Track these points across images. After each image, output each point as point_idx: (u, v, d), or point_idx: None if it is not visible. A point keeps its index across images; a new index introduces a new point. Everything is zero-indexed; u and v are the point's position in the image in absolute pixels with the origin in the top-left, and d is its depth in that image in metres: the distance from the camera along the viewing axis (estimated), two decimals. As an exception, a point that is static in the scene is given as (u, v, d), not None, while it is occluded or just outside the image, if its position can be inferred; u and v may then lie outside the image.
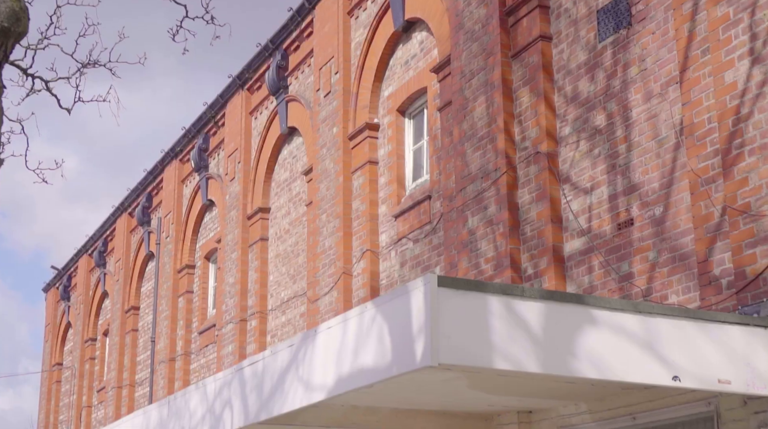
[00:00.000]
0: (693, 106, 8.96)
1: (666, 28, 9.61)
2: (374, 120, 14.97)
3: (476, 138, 11.84)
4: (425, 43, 14.02)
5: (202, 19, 6.50)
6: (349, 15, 15.88)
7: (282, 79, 17.93)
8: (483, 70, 11.90)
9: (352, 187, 15.11)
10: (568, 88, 10.87)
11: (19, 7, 3.63)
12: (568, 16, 11.03)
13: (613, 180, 10.06)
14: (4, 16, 3.58)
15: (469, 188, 11.83)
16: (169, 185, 23.39)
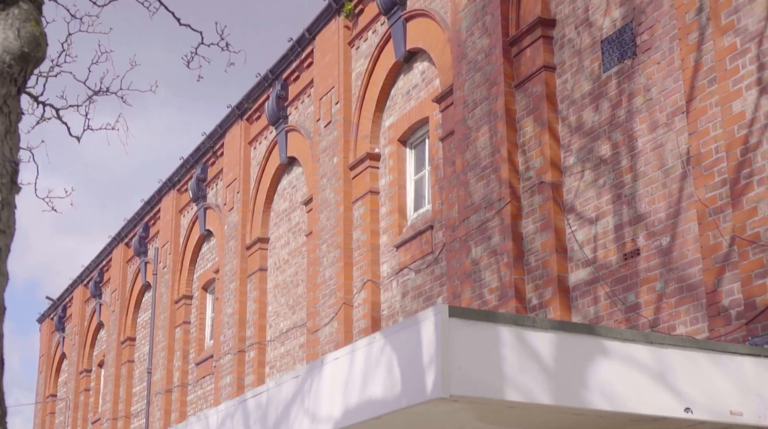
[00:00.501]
0: (700, 136, 8.94)
1: (671, 58, 9.60)
2: (375, 150, 14.94)
3: (479, 168, 11.81)
4: (427, 73, 14.02)
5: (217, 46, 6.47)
6: (349, 45, 15.89)
7: (282, 109, 17.91)
8: (486, 100, 11.88)
9: (352, 217, 15.05)
10: (573, 117, 10.85)
11: (39, 32, 3.58)
12: (572, 47, 11.03)
13: (618, 210, 10.02)
14: (24, 41, 3.53)
15: (473, 218, 11.78)
16: (166, 215, 23.31)
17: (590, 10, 10.85)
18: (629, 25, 10.25)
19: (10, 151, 3.60)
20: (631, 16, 10.24)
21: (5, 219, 3.48)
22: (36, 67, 3.74)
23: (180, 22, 5.93)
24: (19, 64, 3.60)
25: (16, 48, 3.57)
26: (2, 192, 3.49)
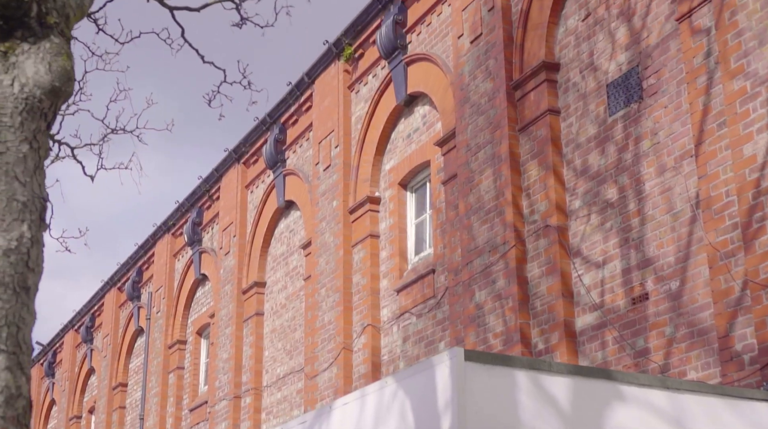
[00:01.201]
0: (709, 180, 8.89)
1: (679, 102, 9.58)
2: (375, 193, 14.88)
3: (483, 211, 11.74)
4: (428, 117, 13.99)
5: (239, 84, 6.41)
6: (349, 89, 15.88)
7: (280, 152, 17.86)
8: (489, 144, 11.84)
9: (352, 261, 14.94)
10: (578, 161, 10.81)
11: (70, 66, 3.51)
12: (577, 90, 11.02)
13: (626, 254, 9.94)
14: (55, 75, 3.46)
15: (476, 262, 11.70)
16: (160, 259, 23.15)
17: (595, 55, 10.85)
18: (635, 69, 10.24)
19: (39, 187, 3.51)
20: (637, 61, 10.24)
21: (34, 257, 3.38)
22: (64, 102, 3.66)
23: (204, 60, 5.89)
24: (50, 99, 3.52)
25: (47, 82, 3.50)
26: (32, 229, 3.39)
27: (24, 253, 3.33)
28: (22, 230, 3.34)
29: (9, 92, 3.46)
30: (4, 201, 3.33)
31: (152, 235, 23.56)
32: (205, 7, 5.45)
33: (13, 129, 3.43)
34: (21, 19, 3.51)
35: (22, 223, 3.35)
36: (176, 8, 5.32)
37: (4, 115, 3.43)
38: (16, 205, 3.36)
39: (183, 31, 5.73)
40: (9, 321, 3.23)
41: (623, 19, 10.53)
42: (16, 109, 3.45)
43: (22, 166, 3.42)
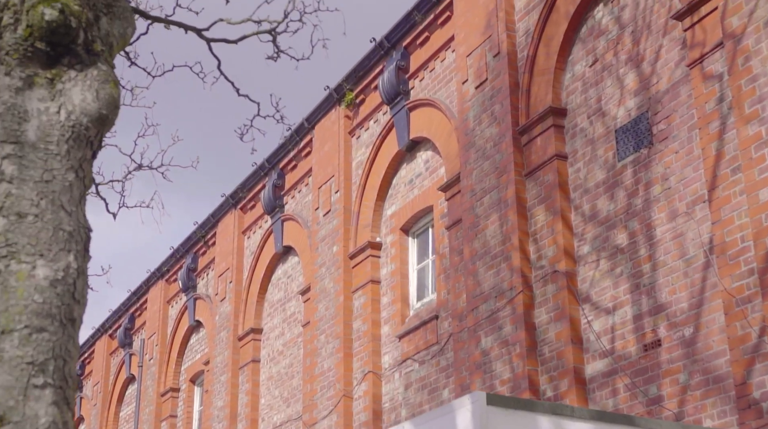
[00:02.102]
0: (724, 225, 8.83)
1: (690, 147, 9.56)
2: (376, 239, 14.79)
3: (489, 256, 11.65)
4: (431, 162, 13.95)
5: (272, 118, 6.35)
6: (350, 134, 15.85)
7: (278, 198, 17.78)
8: (495, 189, 11.79)
9: (352, 307, 14.81)
10: (586, 206, 10.76)
11: (117, 94, 3.42)
12: (584, 136, 11.00)
13: (637, 300, 9.85)
14: (103, 103, 3.37)
15: (482, 307, 11.58)
16: (153, 306, 22.94)
17: (603, 100, 10.85)
18: (645, 114, 10.23)
19: (83, 217, 3.41)
20: (647, 106, 10.23)
21: (80, 288, 3.27)
22: (108, 130, 3.58)
23: (239, 93, 5.82)
24: (96, 127, 3.44)
25: (94, 110, 3.41)
26: (78, 260, 3.29)
27: (71, 284, 3.22)
28: (69, 260, 3.24)
29: (55, 120, 3.37)
30: (51, 230, 3.23)
31: (145, 281, 23.36)
32: (243, 39, 5.41)
33: (59, 157, 3.34)
34: (68, 46, 3.43)
35: (68, 254, 3.25)
36: (214, 40, 5.26)
37: (51, 142, 3.34)
38: (63, 235, 3.25)
39: (219, 64, 5.67)
40: (56, 354, 3.11)
41: (632, 65, 10.53)
42: (62, 136, 3.36)
43: (68, 194, 3.33)
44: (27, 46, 3.37)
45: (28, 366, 3.03)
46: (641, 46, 10.47)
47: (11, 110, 3.31)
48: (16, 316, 3.06)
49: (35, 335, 3.07)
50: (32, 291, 3.11)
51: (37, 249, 3.18)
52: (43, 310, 3.11)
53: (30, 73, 3.39)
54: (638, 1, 10.64)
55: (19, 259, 3.14)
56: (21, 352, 3.04)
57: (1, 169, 3.23)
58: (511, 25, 12.27)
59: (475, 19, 12.80)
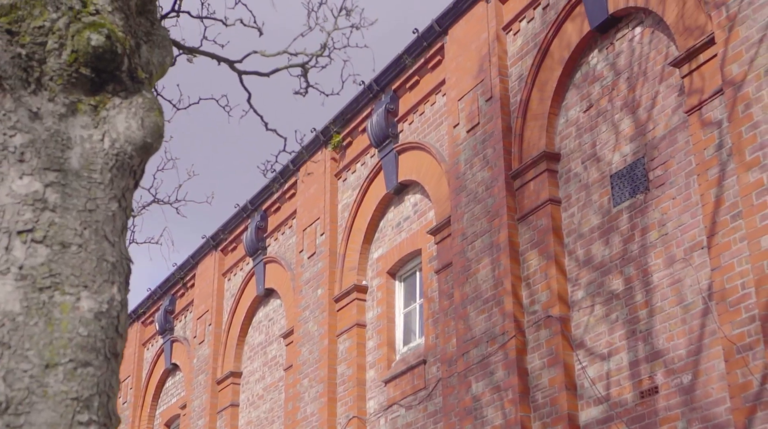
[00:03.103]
0: (724, 272, 8.81)
1: (688, 194, 9.56)
2: (362, 282, 14.67)
3: (480, 301, 11.57)
4: (419, 206, 13.89)
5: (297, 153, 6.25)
6: (336, 177, 15.78)
7: (261, 240, 17.63)
8: (487, 232, 11.73)
9: (337, 351, 14.65)
10: (580, 251, 10.72)
11: (162, 122, 3.33)
12: (579, 181, 10.99)
13: (633, 346, 9.79)
14: (147, 131, 3.28)
15: (473, 352, 11.47)
16: (128, 348, 22.61)
17: (598, 146, 10.85)
18: (641, 160, 10.24)
19: (125, 248, 3.30)
20: (643, 152, 10.24)
21: (123, 322, 3.15)
22: (149, 158, 3.48)
23: (267, 127, 5.73)
24: (140, 156, 3.34)
25: (138, 138, 3.31)
26: (121, 292, 3.17)
27: (114, 317, 3.10)
28: (113, 292, 3.12)
29: (99, 148, 3.27)
30: (94, 261, 3.11)
31: (121, 323, 23.00)
32: (275, 73, 5.33)
33: (102, 186, 3.23)
34: (112, 72, 3.34)
35: (112, 286, 3.13)
36: (246, 73, 5.18)
37: (94, 171, 3.23)
38: (106, 266, 3.14)
39: (249, 97, 5.58)
40: (100, 390, 2.98)
41: (627, 111, 10.56)
42: (106, 165, 3.26)
43: (111, 225, 3.22)
44: (71, 72, 3.28)
45: (72, 402, 2.90)
46: (637, 92, 10.50)
47: (54, 137, 3.21)
48: (60, 349, 2.94)
49: (80, 370, 2.95)
50: (77, 324, 2.99)
51: (81, 280, 3.06)
52: (88, 343, 2.99)
53: (74, 100, 3.29)
54: (633, 48, 10.69)
55: (63, 291, 3.02)
56: (66, 388, 2.91)
57: (44, 197, 3.11)
58: (504, 70, 12.29)
59: (467, 64, 12.82)
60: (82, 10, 3.35)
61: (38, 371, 2.89)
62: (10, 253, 3.02)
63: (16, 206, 3.08)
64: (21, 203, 3.08)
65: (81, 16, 3.33)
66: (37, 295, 2.98)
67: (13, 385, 2.85)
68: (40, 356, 2.91)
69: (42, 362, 2.90)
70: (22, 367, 2.88)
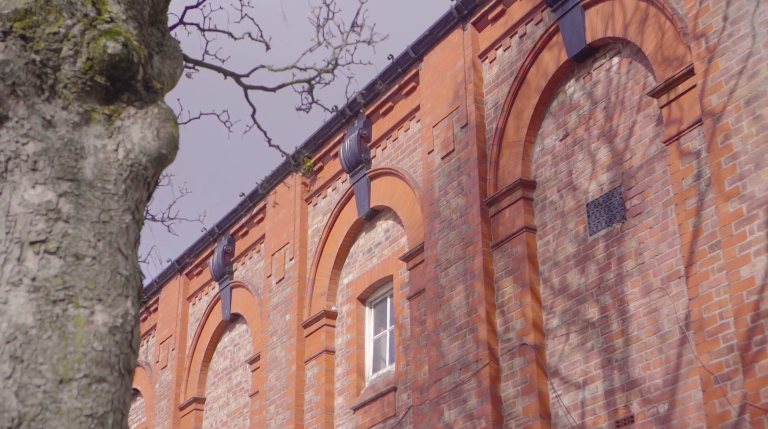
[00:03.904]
0: (702, 301, 8.83)
1: (665, 223, 9.59)
2: (332, 308, 14.56)
3: (454, 328, 11.51)
4: (391, 232, 13.83)
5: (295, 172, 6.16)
6: (306, 202, 15.69)
7: (227, 264, 17.47)
8: (462, 259, 11.69)
9: (305, 377, 14.51)
10: (556, 279, 10.71)
11: (177, 133, 3.26)
12: (554, 209, 10.99)
13: (609, 375, 9.77)
14: (163, 142, 3.21)
15: (446, 379, 11.40)
16: (88, 371, 22.25)
17: (574, 174, 10.88)
18: (618, 189, 10.27)
19: (137, 261, 3.21)
20: (620, 181, 10.27)
21: (136, 337, 3.06)
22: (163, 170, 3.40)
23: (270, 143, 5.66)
24: (154, 167, 3.26)
25: (153, 149, 3.23)
26: (135, 307, 3.08)
27: (128, 332, 3.01)
28: (127, 307, 3.03)
29: (113, 158, 3.19)
30: (108, 274, 3.02)
31: (80, 346, 22.69)
32: (281, 88, 5.27)
33: (116, 197, 3.14)
34: (128, 81, 3.26)
35: (126, 300, 3.04)
36: (252, 87, 5.10)
37: (108, 181, 3.15)
38: (120, 280, 3.05)
39: (254, 112, 5.50)
40: (115, 406, 2.89)
41: (604, 140, 10.60)
42: (120, 175, 3.17)
43: (125, 237, 3.13)
44: (86, 80, 3.20)
45: (87, 419, 2.81)
46: (614, 121, 10.55)
47: (68, 146, 3.12)
48: (74, 364, 2.84)
49: (95, 386, 2.85)
50: (91, 338, 2.90)
51: (94, 293, 2.97)
52: (103, 358, 2.90)
53: (88, 108, 3.21)
54: (611, 78, 10.75)
55: (77, 304, 2.93)
56: (80, 404, 2.81)
57: (58, 208, 3.02)
58: (479, 97, 12.31)
59: (443, 90, 12.83)
60: (97, 17, 3.27)
61: (52, 386, 2.79)
62: (23, 265, 2.92)
63: (28, 216, 2.99)
64: (34, 213, 2.99)
65: (96, 24, 3.25)
66: (51, 308, 2.88)
67: (26, 400, 2.75)
68: (54, 371, 2.81)
69: (56, 377, 2.80)
70: (35, 382, 2.78)
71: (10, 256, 2.92)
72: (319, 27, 5.73)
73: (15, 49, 3.12)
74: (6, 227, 2.96)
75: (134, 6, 3.42)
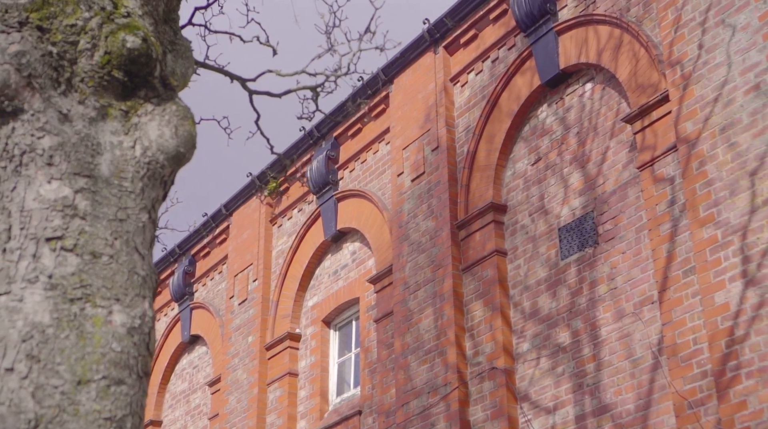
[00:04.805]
0: (675, 327, 8.84)
1: (638, 248, 9.62)
2: (296, 330, 14.42)
3: (422, 351, 11.44)
4: (358, 254, 13.75)
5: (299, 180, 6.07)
6: (271, 223, 15.57)
7: (188, 285, 17.26)
8: (431, 282, 11.64)
9: (267, 400, 14.33)
10: (527, 303, 10.69)
11: (195, 133, 3.17)
12: (525, 233, 10.99)
13: (580, 400, 9.75)
14: (181, 140, 3.13)
15: (413, 403, 11.31)
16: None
17: (546, 199, 10.89)
18: (590, 214, 10.29)
19: (152, 263, 3.11)
20: (592, 206, 10.30)
21: (153, 339, 2.96)
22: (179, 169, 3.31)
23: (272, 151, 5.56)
24: (171, 166, 3.17)
25: (171, 147, 3.14)
26: (152, 308, 2.98)
27: (146, 334, 2.91)
28: (144, 308, 2.93)
29: (130, 155, 3.09)
30: (126, 273, 2.92)
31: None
32: (287, 94, 5.19)
33: (133, 195, 3.05)
34: (145, 77, 3.17)
35: (143, 300, 2.94)
36: (258, 92, 5.01)
37: (125, 179, 3.05)
38: (137, 280, 2.95)
39: (258, 118, 5.41)
40: (133, 410, 2.78)
41: (577, 165, 10.64)
42: (137, 173, 3.08)
43: (141, 237, 3.03)
44: (103, 74, 3.11)
45: (105, 422, 2.70)
46: (587, 146, 10.59)
47: (84, 141, 3.03)
48: (93, 365, 2.74)
49: (113, 388, 2.75)
50: (110, 338, 2.80)
51: (112, 293, 2.87)
52: (121, 360, 2.79)
53: (104, 104, 3.11)
54: (584, 103, 10.80)
55: (95, 303, 2.82)
56: (99, 406, 2.70)
57: (74, 204, 2.92)
58: (450, 120, 12.32)
59: (414, 113, 12.81)
60: (114, 11, 3.19)
61: (70, 388, 2.68)
62: (39, 261, 2.82)
63: (44, 212, 2.89)
64: (49, 209, 2.89)
65: (114, 17, 3.17)
66: (68, 307, 2.78)
67: (43, 401, 2.64)
68: (72, 372, 2.70)
69: (74, 378, 2.70)
70: (52, 383, 2.67)
71: (25, 252, 2.82)
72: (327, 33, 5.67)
73: (31, 40, 3.03)
74: (20, 223, 2.86)
75: (150, 2, 3.34)
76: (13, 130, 2.96)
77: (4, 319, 2.70)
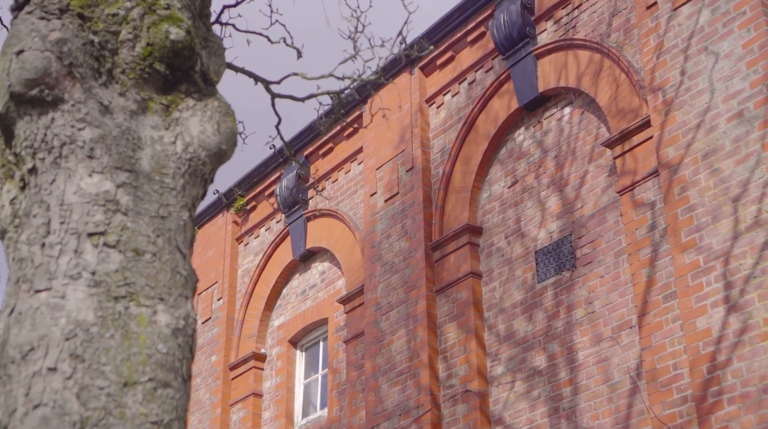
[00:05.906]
0: (654, 351, 8.83)
1: (617, 273, 9.61)
2: (261, 350, 14.23)
3: (394, 372, 11.32)
4: (327, 274, 13.62)
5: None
6: (237, 241, 15.39)
7: (149, 302, 16.98)
8: (404, 303, 11.55)
9: (230, 421, 14.10)
10: (501, 326, 10.63)
11: (237, 128, 3.07)
12: (501, 255, 10.95)
13: (556, 424, 9.69)
14: (224, 137, 3.03)
15: (384, 425, 11.19)
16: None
17: (522, 221, 10.87)
18: (568, 237, 10.28)
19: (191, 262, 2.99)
20: (570, 229, 10.29)
21: (195, 342, 2.84)
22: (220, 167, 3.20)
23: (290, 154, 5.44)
24: (212, 163, 3.06)
25: (213, 144, 3.03)
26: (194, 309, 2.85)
27: (189, 336, 2.79)
28: (188, 309, 2.81)
29: (171, 151, 2.98)
30: (168, 272, 2.80)
31: None
32: (310, 98, 5.09)
33: (174, 192, 2.93)
34: (186, 71, 3.07)
35: (186, 301, 2.82)
36: (281, 96, 4.90)
37: (166, 175, 2.94)
38: (180, 279, 2.83)
39: (279, 122, 5.29)
40: (179, 414, 2.65)
41: (555, 188, 10.63)
42: (178, 169, 2.97)
43: (182, 235, 2.92)
44: (144, 66, 3.00)
45: (152, 426, 2.57)
46: (565, 170, 10.59)
47: (125, 135, 2.91)
48: (139, 366, 2.61)
49: (160, 390, 2.62)
50: (155, 339, 2.67)
51: (156, 292, 2.75)
52: (167, 362, 2.67)
53: (145, 97, 3.00)
54: (562, 128, 10.82)
55: (139, 302, 2.70)
56: (145, 410, 2.57)
57: (116, 199, 2.80)
58: (426, 141, 12.27)
59: (388, 133, 12.75)
60: (155, 2, 3.09)
61: (116, 389, 2.56)
62: (81, 257, 2.69)
63: (85, 206, 2.77)
64: (91, 203, 2.77)
65: (155, 8, 3.06)
66: (112, 305, 2.66)
67: (88, 403, 2.51)
68: (118, 373, 2.58)
69: (120, 379, 2.57)
70: (98, 384, 2.54)
71: (66, 247, 2.69)
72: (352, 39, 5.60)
73: (72, 27, 2.91)
74: (60, 217, 2.73)
75: (187, -4, 3.24)
76: (53, 120, 2.84)
77: (46, 317, 2.58)
